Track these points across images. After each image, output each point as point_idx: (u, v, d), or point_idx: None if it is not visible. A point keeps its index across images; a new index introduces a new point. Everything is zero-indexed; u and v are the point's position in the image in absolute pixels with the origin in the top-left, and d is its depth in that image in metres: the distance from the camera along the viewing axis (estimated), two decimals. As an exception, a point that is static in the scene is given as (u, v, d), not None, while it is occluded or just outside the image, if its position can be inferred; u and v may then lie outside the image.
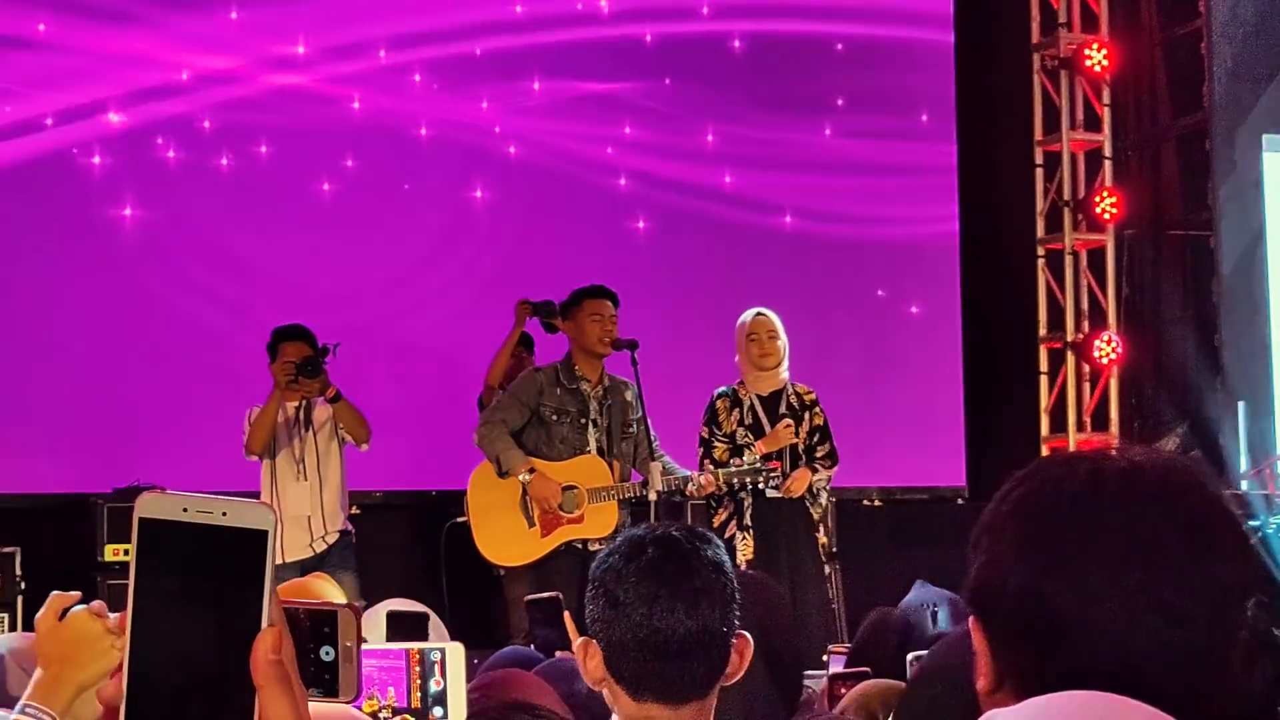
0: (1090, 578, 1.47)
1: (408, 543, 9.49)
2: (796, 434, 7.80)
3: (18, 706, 2.34)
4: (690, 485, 7.61)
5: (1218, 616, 1.46)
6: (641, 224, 10.65)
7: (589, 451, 7.73)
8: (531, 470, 7.62)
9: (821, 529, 7.86)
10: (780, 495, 7.69)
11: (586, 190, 10.55)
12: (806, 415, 7.89)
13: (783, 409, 7.85)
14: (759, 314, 7.88)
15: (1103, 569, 1.47)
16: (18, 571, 8.46)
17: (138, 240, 9.73)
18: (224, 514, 1.08)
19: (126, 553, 8.49)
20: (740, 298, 10.00)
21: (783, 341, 7.86)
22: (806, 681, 5.22)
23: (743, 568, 7.45)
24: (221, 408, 8.95)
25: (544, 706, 2.53)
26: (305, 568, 7.73)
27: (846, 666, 4.15)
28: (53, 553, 8.65)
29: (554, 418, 7.71)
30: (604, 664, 2.63)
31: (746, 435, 7.77)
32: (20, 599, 8.41)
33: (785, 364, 7.91)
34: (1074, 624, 1.47)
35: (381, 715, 2.30)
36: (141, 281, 9.67)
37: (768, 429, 7.79)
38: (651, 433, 7.70)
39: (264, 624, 1.07)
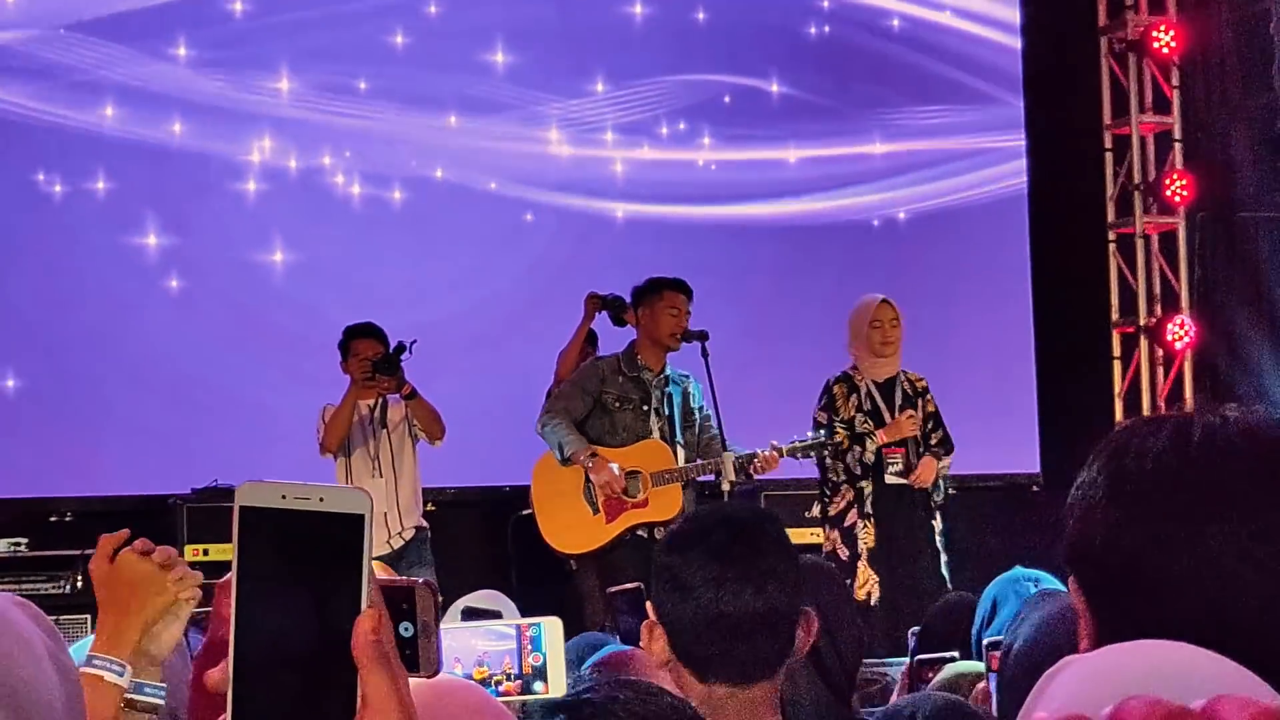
0: (1176, 531, 1.49)
1: (480, 538, 9.53)
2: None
3: (84, 658, 2.37)
4: (755, 461, 7.59)
5: None
6: (706, 209, 10.67)
7: (652, 438, 7.75)
8: (594, 455, 7.64)
9: (939, 516, 7.86)
10: (902, 482, 7.72)
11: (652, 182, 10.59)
12: (919, 403, 7.92)
13: (899, 396, 7.86)
14: (884, 300, 7.91)
15: (1188, 521, 1.49)
16: (98, 574, 8.53)
17: (209, 243, 9.80)
18: (321, 499, 1.10)
19: (206, 552, 8.67)
20: (809, 289, 10.02)
21: (901, 330, 7.90)
22: (886, 670, 5.23)
23: (864, 556, 7.50)
24: (295, 407, 9.02)
25: (651, 683, 2.54)
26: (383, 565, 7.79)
27: (916, 649, 4.14)
28: (133, 554, 8.71)
29: (616, 405, 7.73)
30: (669, 647, 2.64)
31: (866, 422, 7.77)
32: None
33: (900, 351, 7.94)
34: (1161, 576, 1.49)
35: (495, 679, 2.33)
36: (214, 283, 9.75)
37: (887, 416, 7.79)
38: (721, 426, 7.71)
39: (363, 606, 1.08)
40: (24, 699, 1.10)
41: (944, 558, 7.78)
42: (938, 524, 7.83)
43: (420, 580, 1.40)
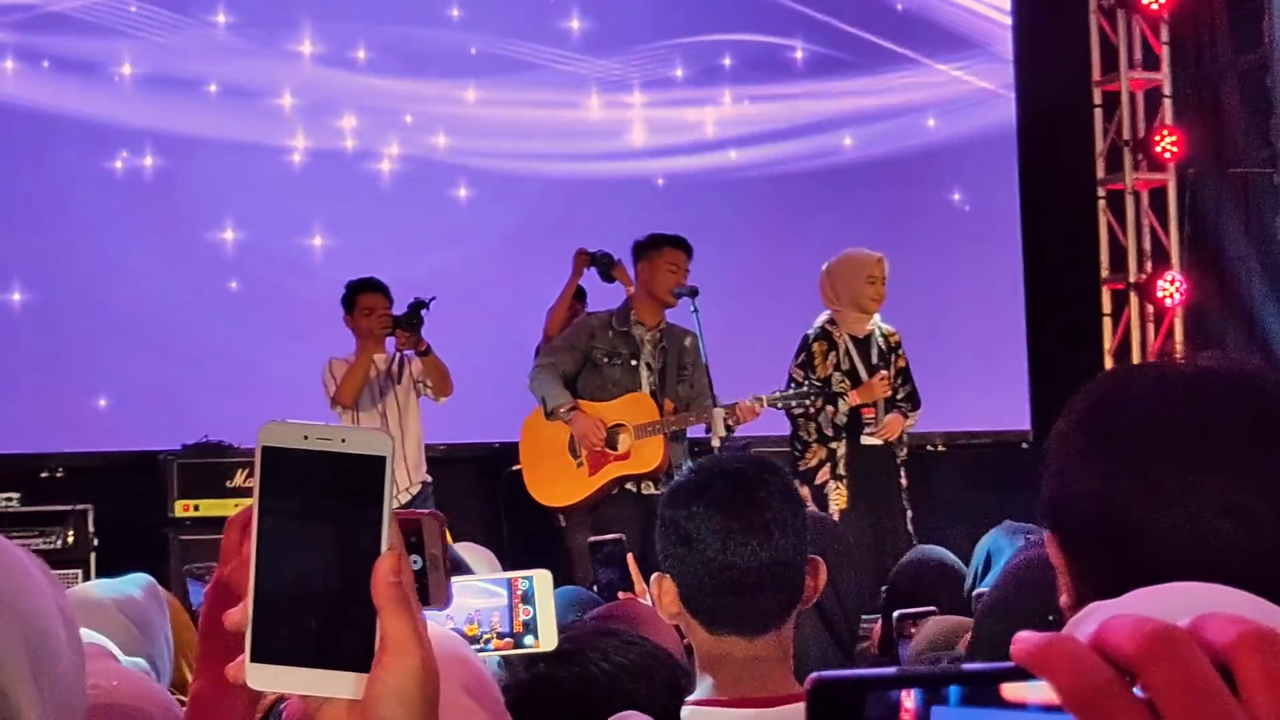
0: (1158, 482, 1.46)
1: (472, 494, 9.55)
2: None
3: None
4: (736, 411, 7.57)
5: None
6: (695, 159, 10.67)
7: (640, 391, 7.75)
8: (574, 408, 7.64)
9: (903, 472, 7.87)
10: (875, 442, 7.71)
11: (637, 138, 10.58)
12: (892, 358, 7.88)
13: (874, 353, 7.83)
14: (881, 256, 7.86)
15: (1170, 473, 1.46)
16: (90, 528, 8.56)
17: (198, 198, 9.79)
18: (343, 440, 1.11)
19: (196, 508, 8.67)
20: (798, 244, 10.01)
21: None
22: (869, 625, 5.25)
23: (835, 517, 7.50)
24: (284, 362, 9.03)
25: (632, 632, 2.55)
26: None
27: (885, 605, 4.15)
28: (125, 510, 8.75)
29: (605, 360, 7.73)
30: (679, 599, 2.64)
31: (843, 381, 7.73)
32: (94, 555, 8.52)
33: None
34: (1145, 530, 1.46)
35: (485, 638, 2.34)
36: (203, 239, 9.74)
37: (864, 375, 7.76)
38: (711, 382, 7.70)
39: (383, 547, 1.09)
40: (33, 627, 1.12)
41: (909, 514, 7.77)
42: (903, 480, 7.81)
43: (427, 511, 1.40)
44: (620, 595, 4.20)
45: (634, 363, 7.74)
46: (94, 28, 9.67)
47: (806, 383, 7.69)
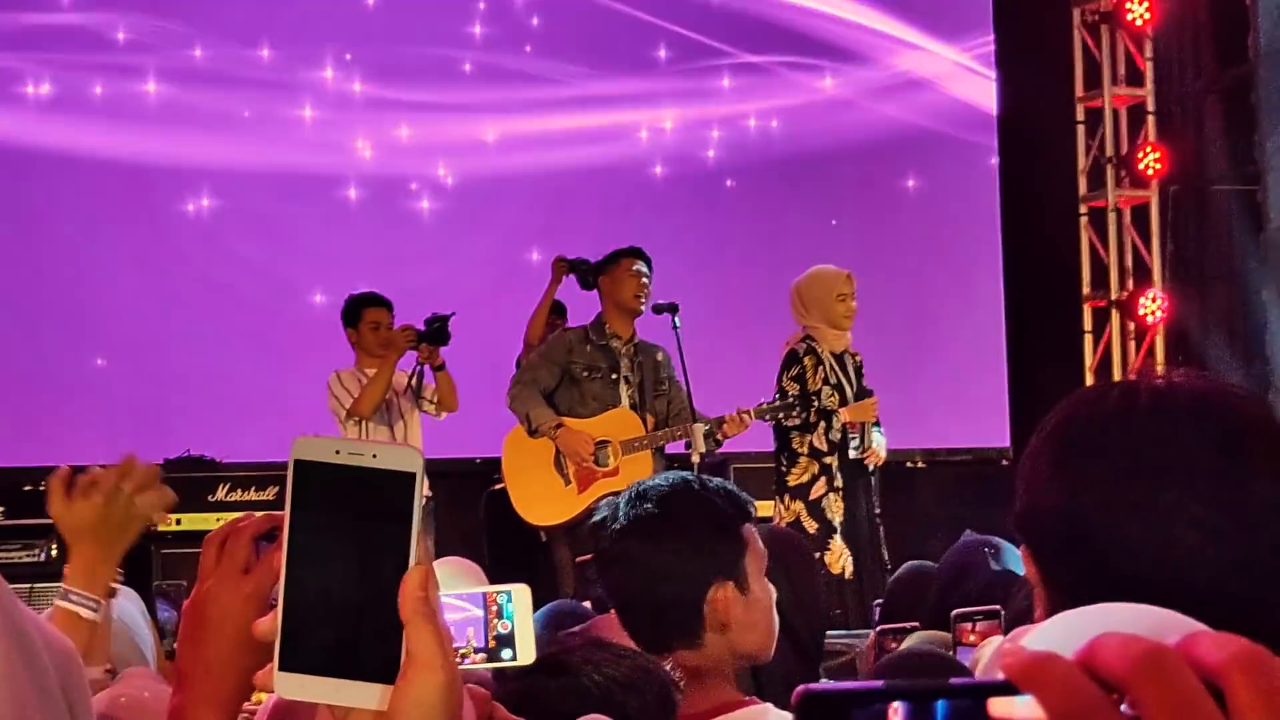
0: (1124, 496, 1.47)
1: (452, 509, 9.52)
2: (863, 395, 7.79)
3: (60, 592, 2.40)
4: (724, 425, 7.56)
5: (1255, 531, 1.46)
6: (660, 170, 10.68)
7: (621, 406, 7.74)
8: (559, 425, 7.63)
9: (875, 488, 7.87)
10: (861, 458, 7.71)
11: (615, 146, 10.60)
12: (857, 378, 7.88)
13: (850, 368, 7.82)
14: (849, 274, 7.84)
15: (1135, 487, 1.47)
16: (70, 542, 8.53)
17: (180, 215, 9.78)
18: (374, 456, 1.13)
19: (179, 522, 8.65)
20: (778, 260, 10.03)
21: None
22: (854, 641, 5.24)
23: (837, 529, 7.51)
24: (269, 377, 9.01)
25: (624, 646, 2.57)
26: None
27: (882, 620, 4.15)
28: (105, 523, 8.71)
29: (585, 374, 7.71)
30: None
31: (833, 395, 7.72)
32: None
33: None
34: (1111, 543, 1.47)
35: (461, 652, 2.34)
36: (186, 254, 9.73)
37: (848, 390, 7.75)
38: (691, 397, 7.70)
39: (411, 562, 1.11)
40: None
41: (882, 530, 7.75)
42: (875, 496, 7.80)
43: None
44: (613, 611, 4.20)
45: (614, 376, 7.74)
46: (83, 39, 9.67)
47: (793, 396, 7.68)
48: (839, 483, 7.65)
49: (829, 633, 4.50)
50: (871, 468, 7.78)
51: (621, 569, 2.70)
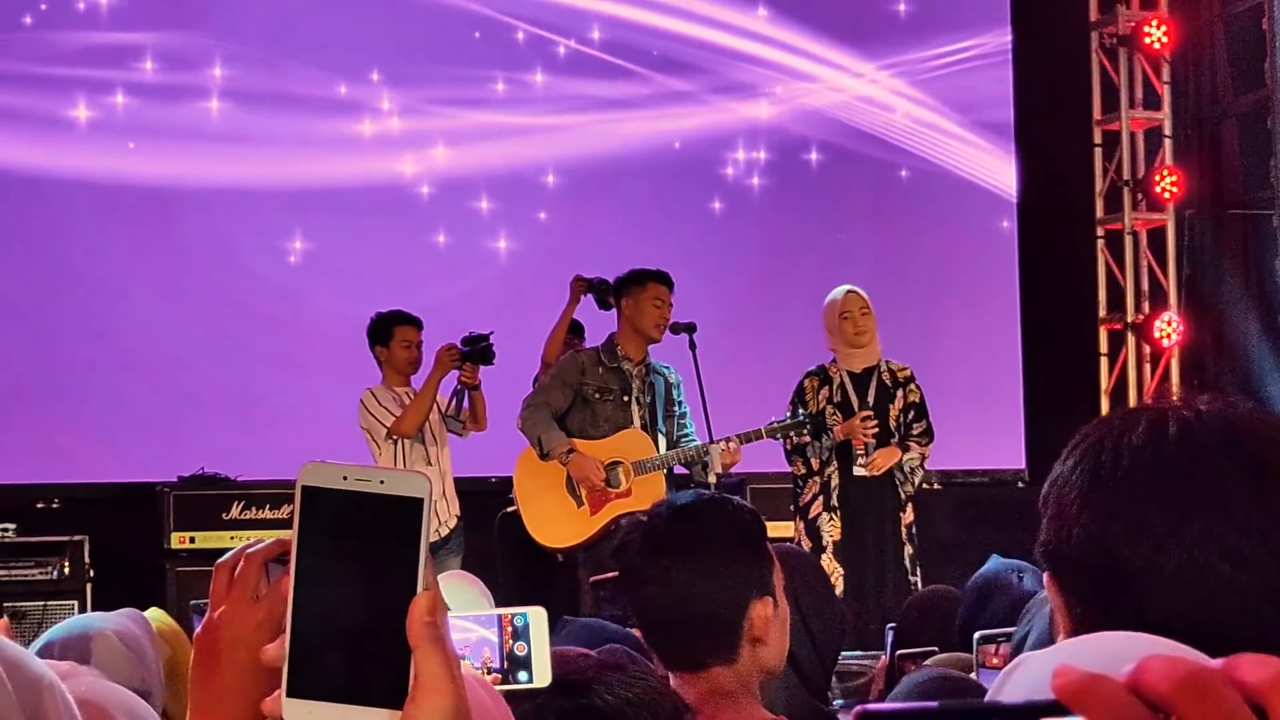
0: (1155, 526, 1.47)
1: (467, 529, 9.53)
2: (887, 412, 7.75)
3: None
4: (721, 456, 7.55)
5: None
6: (694, 198, 10.70)
7: (633, 427, 7.74)
8: (570, 450, 7.62)
9: (910, 508, 7.78)
10: (866, 474, 7.68)
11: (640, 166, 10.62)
12: (900, 392, 7.81)
13: (873, 386, 7.80)
14: (850, 290, 7.83)
15: (1167, 517, 1.47)
16: (86, 559, 8.55)
17: (195, 230, 9.81)
18: (382, 482, 1.13)
19: (192, 540, 8.66)
20: (790, 281, 10.03)
21: (874, 318, 7.84)
22: (868, 661, 5.23)
23: (829, 549, 7.49)
24: (283, 395, 9.02)
25: (638, 667, 2.57)
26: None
27: (895, 643, 4.14)
28: (121, 541, 8.75)
29: (597, 396, 7.71)
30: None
31: (835, 414, 7.72)
32: (90, 586, 8.51)
33: (877, 340, 7.88)
34: (1141, 573, 1.47)
35: (477, 670, 2.34)
36: (199, 270, 9.75)
37: (855, 408, 7.74)
38: (709, 418, 7.69)
39: (419, 588, 1.11)
40: None
41: (909, 550, 7.72)
42: (906, 516, 7.74)
43: None
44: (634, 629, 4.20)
45: (625, 398, 7.74)
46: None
47: (802, 413, 7.70)
48: (835, 501, 7.66)
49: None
50: (907, 490, 7.74)
51: (657, 588, 2.66)
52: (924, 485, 9.12)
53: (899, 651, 3.94)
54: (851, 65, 11.09)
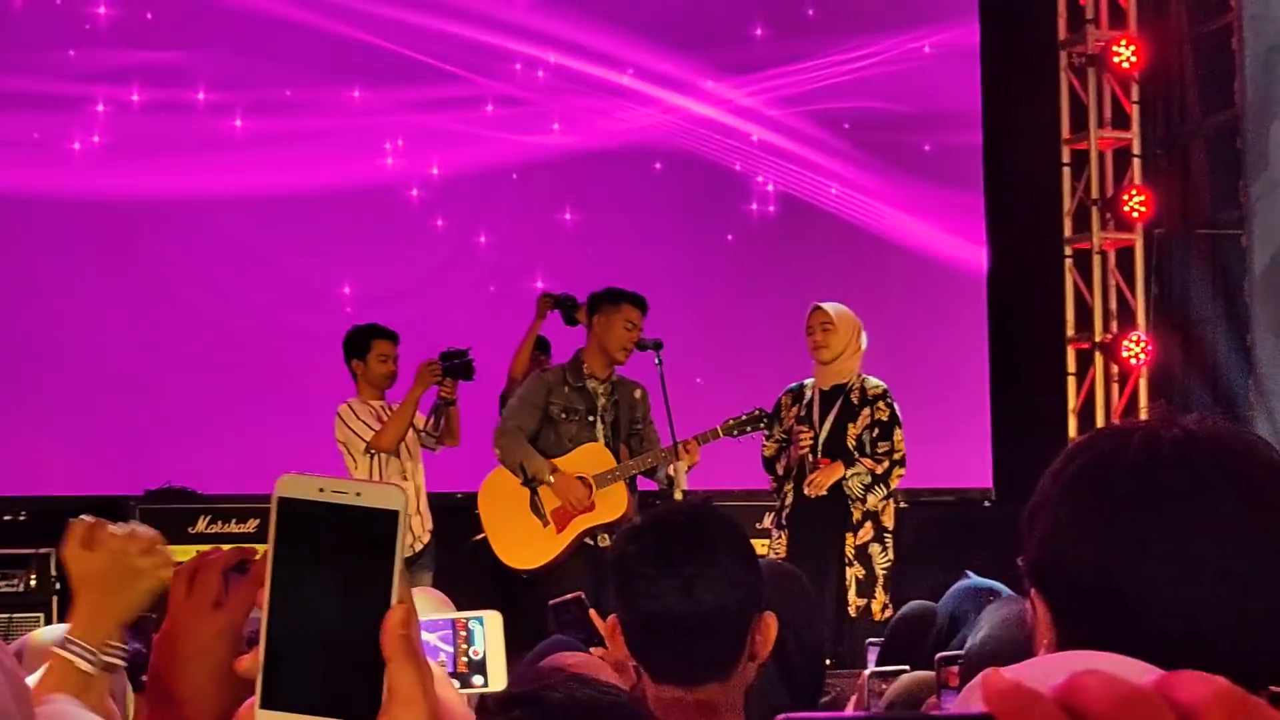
0: (1153, 548, 1.48)
1: (434, 545, 9.50)
2: (845, 431, 7.72)
3: (60, 638, 2.39)
4: (684, 465, 7.56)
5: None
6: (666, 218, 10.69)
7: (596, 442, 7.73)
8: (554, 471, 7.62)
9: (867, 527, 7.69)
10: (816, 494, 7.66)
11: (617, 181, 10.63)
12: (867, 410, 7.78)
13: (839, 404, 7.77)
14: (815, 307, 7.84)
15: (1165, 539, 1.48)
16: (53, 572, 8.51)
17: (163, 247, 9.78)
18: (358, 494, 1.12)
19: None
20: (765, 298, 10.03)
21: (844, 335, 7.78)
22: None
23: None
24: (249, 409, 8.98)
25: (608, 682, 2.55)
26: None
27: (880, 662, 4.13)
28: (85, 554, 8.68)
29: (562, 415, 7.71)
30: (626, 645, 2.66)
31: (803, 431, 7.72)
32: (55, 599, 8.46)
33: (855, 358, 7.85)
34: (1138, 593, 1.47)
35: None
36: (168, 284, 9.72)
37: (815, 424, 7.74)
38: (675, 434, 7.69)
39: (394, 600, 1.11)
40: None
41: (853, 571, 7.60)
42: (856, 537, 7.67)
43: None
44: (593, 650, 4.17)
45: (591, 418, 7.74)
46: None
47: (757, 410, 7.73)
48: (784, 520, 7.69)
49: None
50: (859, 511, 7.69)
51: (659, 604, 2.58)
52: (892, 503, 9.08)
53: (870, 670, 3.93)
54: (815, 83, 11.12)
